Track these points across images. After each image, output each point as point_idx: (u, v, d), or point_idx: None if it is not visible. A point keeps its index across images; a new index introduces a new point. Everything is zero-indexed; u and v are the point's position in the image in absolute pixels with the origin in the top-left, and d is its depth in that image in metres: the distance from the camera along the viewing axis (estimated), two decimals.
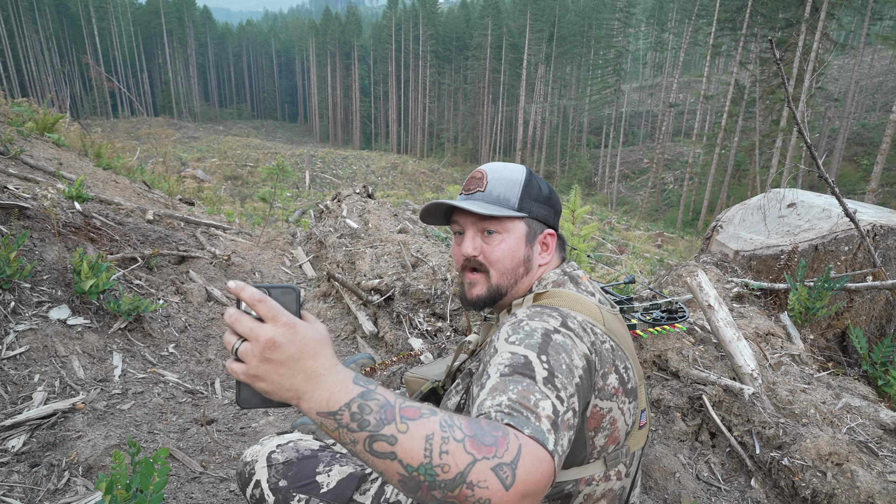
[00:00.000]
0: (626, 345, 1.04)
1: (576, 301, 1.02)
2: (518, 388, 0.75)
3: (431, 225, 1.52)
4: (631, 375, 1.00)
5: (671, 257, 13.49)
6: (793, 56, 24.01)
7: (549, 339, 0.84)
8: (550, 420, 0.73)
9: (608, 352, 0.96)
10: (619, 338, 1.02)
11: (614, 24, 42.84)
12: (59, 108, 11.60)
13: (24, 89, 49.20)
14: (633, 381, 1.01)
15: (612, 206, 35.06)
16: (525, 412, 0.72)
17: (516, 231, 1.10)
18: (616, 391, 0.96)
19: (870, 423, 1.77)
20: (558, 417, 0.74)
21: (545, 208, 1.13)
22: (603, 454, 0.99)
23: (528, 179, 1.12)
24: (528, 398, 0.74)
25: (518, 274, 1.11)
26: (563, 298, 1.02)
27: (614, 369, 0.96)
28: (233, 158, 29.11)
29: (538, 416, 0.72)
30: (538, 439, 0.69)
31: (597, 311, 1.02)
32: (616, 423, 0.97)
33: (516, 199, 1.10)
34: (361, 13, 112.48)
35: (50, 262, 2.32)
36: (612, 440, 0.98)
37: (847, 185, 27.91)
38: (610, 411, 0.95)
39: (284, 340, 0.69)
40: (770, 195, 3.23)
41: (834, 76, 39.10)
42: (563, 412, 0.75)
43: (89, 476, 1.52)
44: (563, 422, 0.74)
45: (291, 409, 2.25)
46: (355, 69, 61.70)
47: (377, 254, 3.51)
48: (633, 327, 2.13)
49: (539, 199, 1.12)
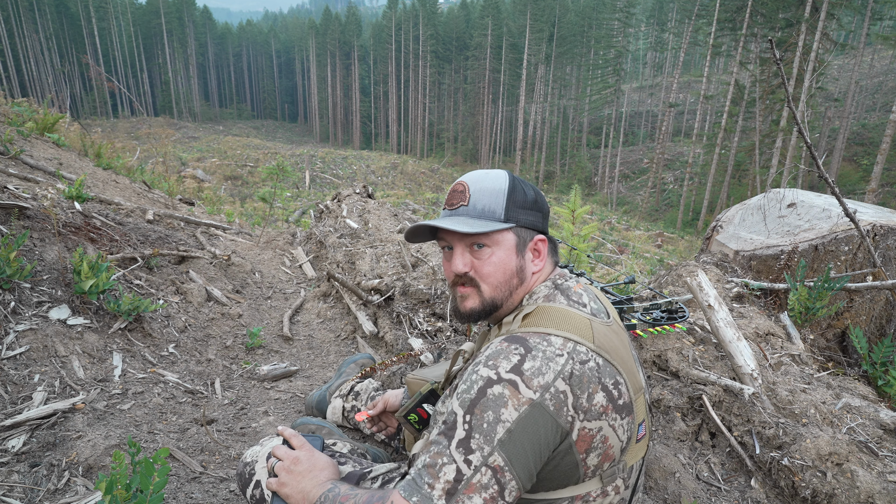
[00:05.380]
0: (620, 358, 1.00)
1: (562, 319, 0.99)
2: (433, 451, 0.90)
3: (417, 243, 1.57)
4: (623, 391, 0.98)
5: (671, 257, 13.50)
6: (793, 56, 24.01)
7: (483, 394, 0.90)
8: (447, 486, 0.86)
9: (592, 370, 0.94)
10: (612, 352, 0.99)
11: (614, 24, 42.85)
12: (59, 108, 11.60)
13: (24, 89, 49.20)
14: (627, 397, 0.98)
15: (612, 206, 35.06)
16: (426, 478, 0.88)
17: (505, 242, 1.07)
18: (605, 409, 0.94)
19: (870, 423, 1.77)
20: (460, 483, 0.86)
21: (533, 214, 1.09)
22: (598, 472, 0.98)
23: (511, 187, 1.08)
24: (436, 463, 0.88)
25: (512, 285, 1.09)
26: (551, 317, 1.00)
27: (601, 387, 0.94)
28: (233, 158, 29.11)
29: (435, 483, 0.87)
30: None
31: (585, 326, 0.99)
32: (608, 441, 0.96)
33: (502, 210, 1.06)
34: (361, 13, 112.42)
35: (50, 262, 2.32)
36: (606, 458, 0.97)
37: (847, 185, 27.91)
38: (600, 430, 0.94)
39: (304, 458, 1.13)
40: (770, 195, 3.23)
41: (834, 76, 39.10)
42: (469, 475, 0.86)
43: (89, 476, 1.52)
44: (469, 485, 0.86)
45: (292, 409, 2.26)
46: (355, 69, 61.70)
47: (377, 254, 3.51)
48: (633, 327, 2.13)
49: (525, 205, 1.08)
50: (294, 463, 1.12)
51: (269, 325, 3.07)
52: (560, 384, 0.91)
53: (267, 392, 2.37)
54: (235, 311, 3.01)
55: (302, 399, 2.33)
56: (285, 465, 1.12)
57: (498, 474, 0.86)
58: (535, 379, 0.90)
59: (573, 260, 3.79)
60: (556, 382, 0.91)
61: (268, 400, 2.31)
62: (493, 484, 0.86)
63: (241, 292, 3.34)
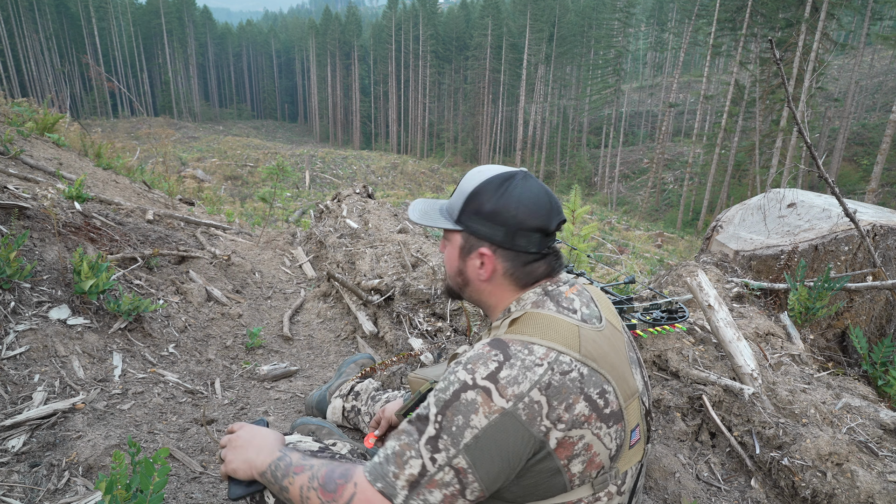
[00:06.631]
0: (609, 365, 0.99)
1: (548, 327, 0.99)
2: (403, 441, 0.94)
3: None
4: (612, 399, 0.97)
5: (671, 257, 13.50)
6: (793, 56, 24.02)
7: (456, 397, 0.92)
8: (411, 479, 0.90)
9: (574, 381, 0.94)
10: (600, 359, 0.98)
11: (614, 24, 42.83)
12: (59, 108, 11.59)
13: (24, 89, 49.19)
14: (616, 405, 0.97)
15: (612, 206, 35.06)
16: (392, 466, 0.92)
17: (454, 241, 1.14)
18: (587, 419, 0.93)
19: (870, 423, 1.77)
20: (424, 477, 0.90)
21: (486, 225, 1.07)
22: (587, 479, 0.97)
23: (473, 192, 1.08)
24: (404, 453, 0.92)
25: (458, 283, 1.18)
26: (537, 325, 1.00)
27: (583, 398, 0.93)
28: (233, 158, 29.11)
29: (400, 473, 0.91)
30: (385, 493, 0.91)
31: (573, 334, 0.98)
32: (593, 449, 0.95)
33: (458, 211, 1.11)
34: (361, 13, 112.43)
35: (50, 262, 2.32)
36: (592, 466, 0.96)
37: (847, 185, 27.92)
38: (582, 438, 0.94)
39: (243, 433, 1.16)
40: (770, 195, 3.23)
41: (834, 76, 39.10)
42: (432, 472, 0.90)
43: (89, 476, 1.52)
44: (432, 481, 0.90)
45: (292, 410, 2.26)
46: (355, 69, 61.69)
47: (377, 254, 3.51)
48: (633, 327, 2.13)
49: (479, 213, 1.07)
50: (233, 440, 1.16)
51: (269, 325, 3.07)
52: (535, 394, 0.91)
53: (267, 392, 2.37)
54: (235, 311, 3.01)
55: (302, 399, 2.33)
56: (225, 443, 1.17)
57: (460, 475, 0.90)
58: (510, 388, 0.91)
59: (573, 260, 3.79)
60: (531, 392, 0.91)
61: (268, 400, 2.31)
62: (454, 483, 0.90)
63: (241, 292, 3.34)
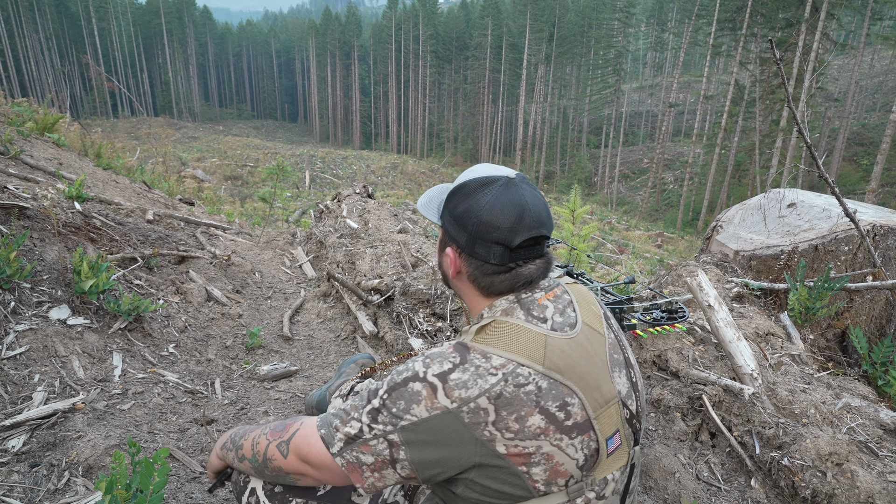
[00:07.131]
0: (577, 375, 0.98)
1: (513, 337, 0.99)
2: (352, 403, 1.01)
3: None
4: (575, 411, 0.95)
5: (671, 257, 13.50)
6: (793, 56, 24.02)
7: (405, 384, 0.97)
8: (348, 436, 0.98)
9: (529, 394, 0.93)
10: (566, 370, 0.97)
11: (614, 24, 42.83)
12: (59, 108, 11.59)
13: (24, 89, 49.19)
14: (580, 416, 0.96)
15: (612, 206, 35.07)
16: (337, 421, 1.00)
17: (441, 233, 1.18)
18: (543, 431, 0.93)
19: (870, 423, 1.77)
20: (359, 439, 0.97)
21: (454, 226, 1.10)
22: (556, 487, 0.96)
23: (454, 190, 1.11)
24: (350, 413, 1.00)
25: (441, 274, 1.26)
26: (501, 335, 0.99)
27: (538, 410, 0.93)
28: (233, 158, 29.11)
29: (341, 428, 0.99)
30: (325, 440, 0.99)
31: (537, 345, 0.97)
32: (554, 459, 0.94)
33: (443, 206, 1.15)
34: (361, 13, 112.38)
35: (50, 262, 2.32)
36: (558, 474, 0.95)
37: (847, 185, 27.92)
38: (539, 448, 0.93)
39: None
40: (770, 195, 3.23)
41: (834, 76, 39.09)
42: (367, 438, 0.97)
43: (89, 476, 1.52)
44: (366, 444, 0.96)
45: (292, 410, 2.26)
46: (355, 69, 61.68)
47: (377, 254, 3.51)
48: (633, 327, 2.13)
49: (452, 214, 1.10)
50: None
51: (269, 325, 3.07)
52: (483, 402, 0.92)
53: (267, 392, 2.37)
54: (235, 311, 3.01)
55: (302, 399, 2.33)
56: None
57: (393, 448, 0.96)
58: (457, 391, 0.93)
59: (573, 260, 3.79)
60: (478, 399, 0.92)
61: (268, 400, 2.31)
62: (385, 453, 0.96)
63: (241, 292, 3.34)
